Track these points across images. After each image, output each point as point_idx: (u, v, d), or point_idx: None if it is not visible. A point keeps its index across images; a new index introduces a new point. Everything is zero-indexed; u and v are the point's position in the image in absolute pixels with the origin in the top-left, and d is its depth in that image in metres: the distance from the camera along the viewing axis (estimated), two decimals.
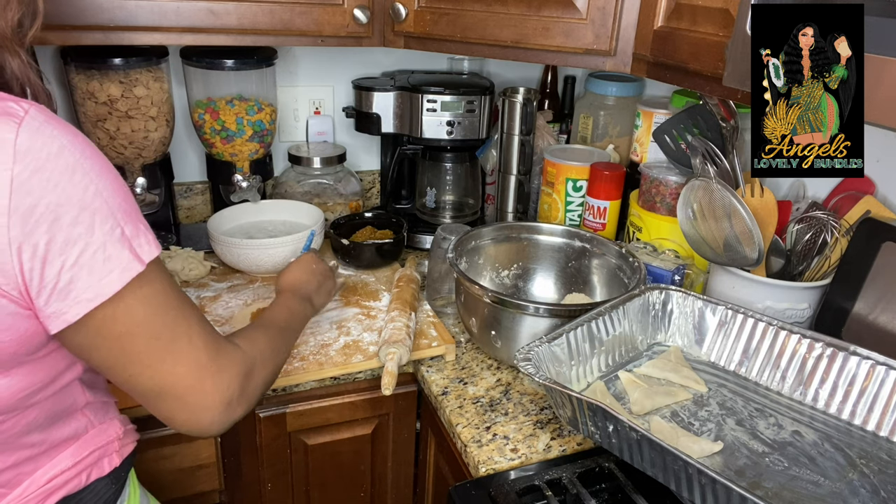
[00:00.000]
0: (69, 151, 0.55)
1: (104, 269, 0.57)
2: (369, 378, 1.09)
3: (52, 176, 0.53)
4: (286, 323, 0.89)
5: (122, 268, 0.58)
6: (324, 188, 1.52)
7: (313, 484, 1.16)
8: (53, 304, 0.56)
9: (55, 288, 0.55)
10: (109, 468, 0.74)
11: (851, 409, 0.88)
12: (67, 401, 0.68)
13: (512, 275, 1.26)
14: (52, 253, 0.54)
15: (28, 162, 0.52)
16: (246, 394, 0.69)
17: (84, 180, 0.55)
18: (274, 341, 0.80)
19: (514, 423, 0.96)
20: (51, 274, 0.55)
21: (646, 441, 0.71)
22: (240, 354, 0.70)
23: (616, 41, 1.04)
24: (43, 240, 0.54)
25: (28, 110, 0.54)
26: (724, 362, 0.99)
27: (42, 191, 0.53)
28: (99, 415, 0.74)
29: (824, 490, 0.77)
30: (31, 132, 0.53)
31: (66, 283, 0.55)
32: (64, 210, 0.54)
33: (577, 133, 1.62)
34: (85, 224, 0.55)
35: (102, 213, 0.56)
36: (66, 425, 0.69)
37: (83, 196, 0.55)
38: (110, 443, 0.74)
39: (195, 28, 1.10)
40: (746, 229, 1.01)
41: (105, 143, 1.27)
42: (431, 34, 1.18)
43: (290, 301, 0.96)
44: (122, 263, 0.58)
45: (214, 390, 0.65)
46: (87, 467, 0.71)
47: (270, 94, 1.42)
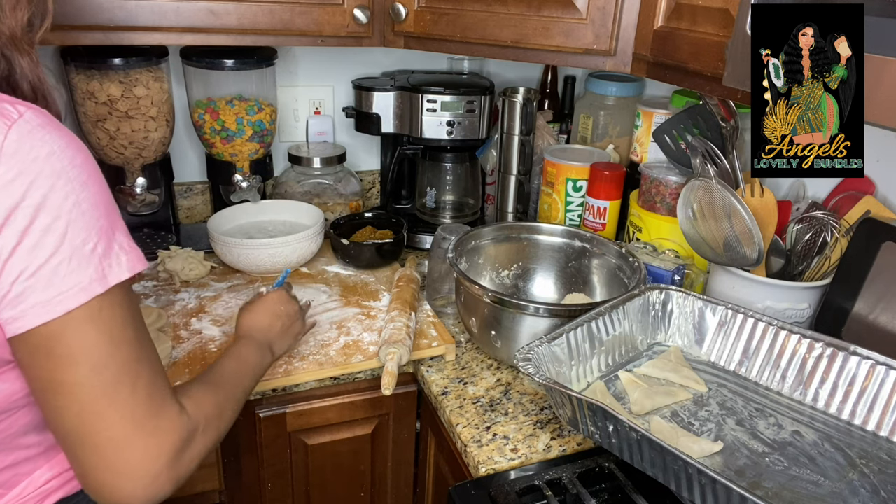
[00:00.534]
0: (57, 157, 0.54)
1: (63, 283, 0.54)
2: (369, 378, 1.09)
3: (36, 180, 0.53)
4: (236, 381, 0.79)
5: (82, 287, 0.55)
6: (324, 188, 1.52)
7: (313, 484, 1.16)
8: (6, 310, 0.54)
9: (8, 294, 0.53)
10: None
11: (851, 409, 0.88)
12: None
13: (512, 275, 1.26)
14: (16, 257, 0.53)
15: (13, 164, 0.52)
16: (177, 468, 0.60)
17: (66, 188, 0.54)
18: (221, 403, 0.71)
19: (514, 423, 0.96)
20: (7, 279, 0.53)
21: (646, 441, 0.71)
22: (182, 420, 0.62)
23: (616, 41, 1.04)
24: (11, 242, 0.52)
25: (23, 113, 0.54)
26: (724, 362, 0.99)
27: (23, 194, 0.52)
28: None
29: (824, 490, 0.77)
30: (21, 135, 0.53)
31: (19, 291, 0.53)
32: (39, 215, 0.53)
33: (577, 133, 1.62)
34: (57, 233, 0.54)
35: (77, 225, 0.54)
36: None
37: (62, 204, 0.54)
38: None
39: (195, 28, 1.10)
40: (746, 229, 1.01)
41: (105, 143, 1.27)
42: (431, 34, 1.18)
43: (246, 351, 0.87)
44: (83, 282, 0.55)
45: (143, 455, 0.57)
46: None
47: (270, 94, 1.42)
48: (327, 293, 1.27)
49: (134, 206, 1.38)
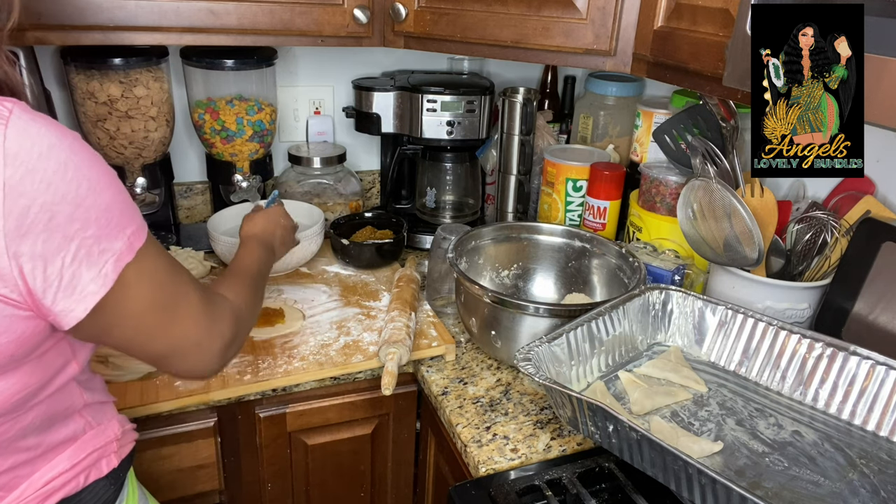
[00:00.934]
0: (59, 149, 0.54)
1: (101, 260, 0.57)
2: (369, 378, 1.09)
3: (45, 176, 0.53)
4: (257, 271, 0.92)
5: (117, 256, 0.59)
6: (324, 188, 1.52)
7: (313, 484, 1.16)
8: (61, 301, 0.56)
9: (59, 285, 0.56)
10: (108, 469, 0.73)
11: (851, 409, 0.88)
12: (65, 403, 0.68)
13: (512, 275, 1.26)
14: (50, 251, 0.54)
15: (18, 164, 0.52)
16: (237, 339, 0.75)
17: (77, 176, 0.55)
18: (251, 289, 0.85)
19: (514, 423, 0.96)
20: (53, 272, 0.55)
21: (646, 441, 0.71)
22: (228, 304, 0.75)
23: (616, 41, 1.04)
24: (40, 239, 0.54)
25: (12, 109, 0.53)
26: (724, 362, 0.99)
27: (35, 192, 0.53)
28: (97, 416, 0.73)
29: (824, 490, 0.77)
30: (18, 132, 0.53)
31: (69, 279, 0.56)
32: (59, 208, 0.54)
33: (577, 133, 1.62)
34: (80, 220, 0.55)
35: (96, 209, 0.56)
36: (64, 427, 0.69)
37: (77, 192, 0.55)
38: (109, 444, 0.74)
39: (195, 28, 1.10)
40: (746, 229, 1.01)
41: (105, 143, 1.27)
42: (431, 34, 1.18)
43: (255, 248, 0.98)
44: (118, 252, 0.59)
45: (213, 341, 0.70)
46: (86, 469, 0.71)
47: (270, 94, 1.42)
48: (327, 293, 1.27)
49: None
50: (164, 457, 1.01)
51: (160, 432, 0.99)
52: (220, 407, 1.02)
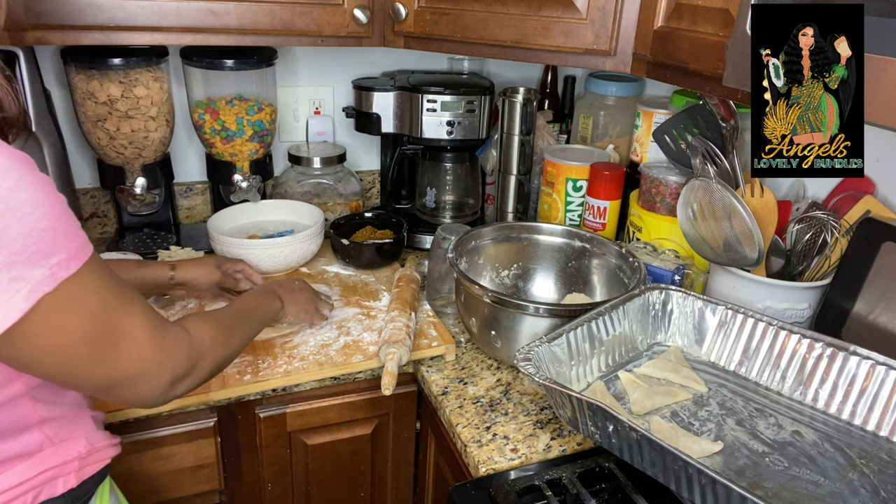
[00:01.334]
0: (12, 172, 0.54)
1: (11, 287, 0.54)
2: (369, 378, 1.09)
3: None
4: (245, 310, 0.90)
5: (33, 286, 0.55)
6: (324, 188, 1.52)
7: (313, 484, 1.16)
8: None
9: None
10: (64, 489, 0.71)
11: (851, 409, 0.88)
12: (12, 418, 0.66)
13: (512, 275, 1.26)
14: None
15: None
16: (194, 372, 0.71)
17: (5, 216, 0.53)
18: (227, 327, 0.81)
19: (514, 423, 0.96)
20: None
21: (646, 441, 0.71)
22: (185, 338, 0.71)
23: (616, 41, 1.04)
24: None
25: None
26: (724, 362, 0.99)
27: None
28: (60, 432, 0.71)
29: (824, 490, 0.77)
30: None
31: None
32: None
33: (577, 133, 1.62)
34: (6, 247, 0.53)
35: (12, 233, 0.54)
36: (14, 442, 0.67)
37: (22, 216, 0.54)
38: (68, 462, 0.71)
39: (195, 28, 1.10)
40: (746, 229, 1.01)
41: (105, 143, 1.27)
42: (431, 34, 1.18)
43: (259, 293, 0.98)
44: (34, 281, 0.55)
45: (162, 373, 0.67)
46: (36, 487, 0.68)
47: (270, 94, 1.42)
48: (327, 293, 1.27)
49: (134, 206, 1.38)
50: (164, 457, 1.01)
51: (160, 432, 0.99)
52: (220, 407, 1.02)
